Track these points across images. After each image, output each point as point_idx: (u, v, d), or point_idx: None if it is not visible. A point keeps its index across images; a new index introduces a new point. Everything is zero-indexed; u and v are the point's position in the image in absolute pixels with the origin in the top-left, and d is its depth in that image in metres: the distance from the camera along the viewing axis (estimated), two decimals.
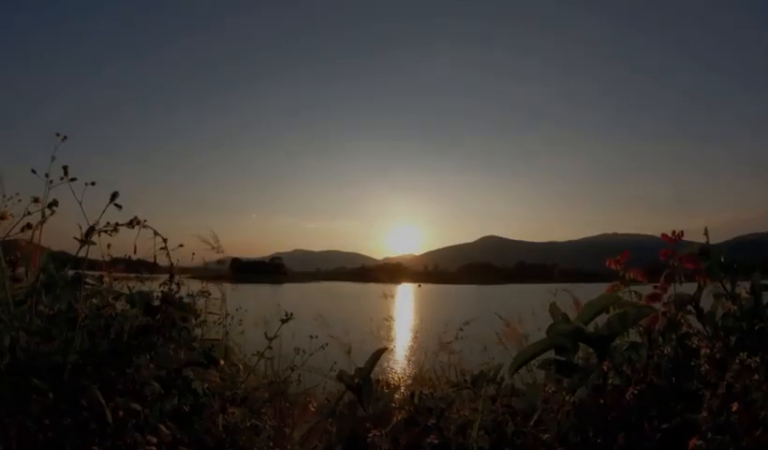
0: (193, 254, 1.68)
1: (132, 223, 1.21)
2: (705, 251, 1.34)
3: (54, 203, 1.19)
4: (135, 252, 1.27)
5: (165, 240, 1.28)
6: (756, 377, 1.04)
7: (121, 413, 1.13)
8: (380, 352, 1.56)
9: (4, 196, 1.24)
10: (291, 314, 1.67)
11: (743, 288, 1.32)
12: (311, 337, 2.11)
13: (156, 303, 1.30)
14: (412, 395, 1.51)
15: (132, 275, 1.49)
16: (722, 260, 1.33)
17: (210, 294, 1.63)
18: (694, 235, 1.36)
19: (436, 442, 1.33)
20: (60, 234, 1.29)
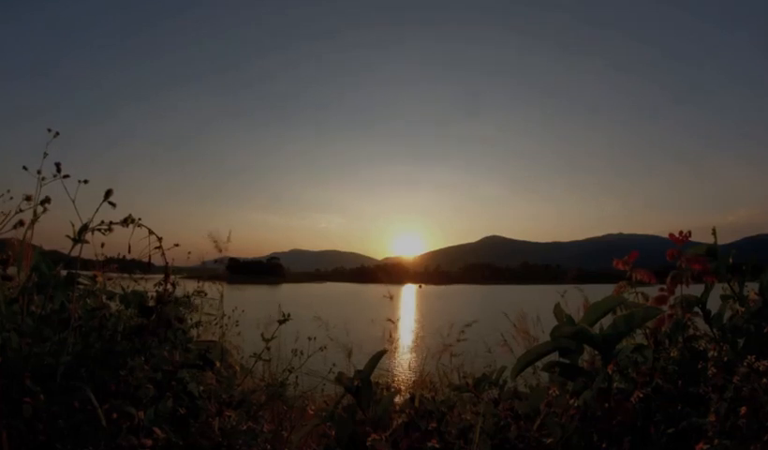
0: (189, 253, 1.66)
1: (126, 222, 1.19)
2: (713, 252, 1.32)
3: (47, 201, 1.17)
4: (129, 252, 1.25)
5: (160, 239, 1.25)
6: (764, 380, 1.02)
7: (115, 416, 1.11)
8: (380, 355, 1.54)
9: None
10: (289, 315, 1.66)
11: (751, 289, 1.31)
12: (309, 338, 2.09)
13: (151, 303, 1.28)
14: (412, 398, 1.49)
15: (126, 274, 1.47)
16: (730, 260, 1.31)
17: (206, 294, 1.61)
18: (702, 236, 1.35)
19: (437, 446, 1.30)
20: (51, 233, 1.26)
